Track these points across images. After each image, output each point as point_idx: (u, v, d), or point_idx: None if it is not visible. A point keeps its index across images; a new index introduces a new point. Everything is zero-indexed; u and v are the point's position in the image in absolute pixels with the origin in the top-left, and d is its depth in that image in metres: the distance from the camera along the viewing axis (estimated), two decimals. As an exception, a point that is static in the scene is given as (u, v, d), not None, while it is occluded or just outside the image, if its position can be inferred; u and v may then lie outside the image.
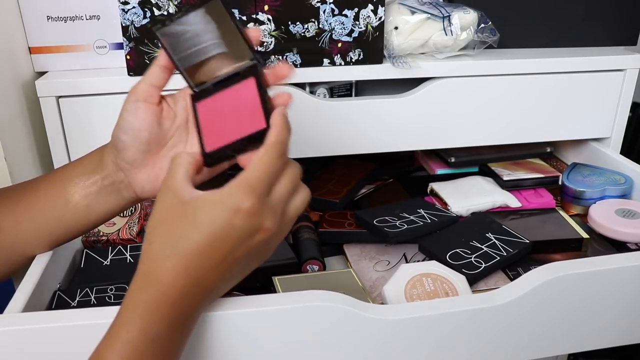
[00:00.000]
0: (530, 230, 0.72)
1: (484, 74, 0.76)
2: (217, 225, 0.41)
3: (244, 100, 0.49)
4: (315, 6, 0.69)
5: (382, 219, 0.72)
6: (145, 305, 0.42)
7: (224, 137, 0.48)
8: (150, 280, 0.42)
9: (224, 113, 0.49)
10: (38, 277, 0.54)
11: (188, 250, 0.42)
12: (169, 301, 0.42)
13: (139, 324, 0.41)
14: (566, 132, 0.83)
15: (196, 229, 0.42)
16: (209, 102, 0.50)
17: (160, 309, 0.42)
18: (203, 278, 0.43)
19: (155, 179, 0.52)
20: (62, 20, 0.70)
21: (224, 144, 0.48)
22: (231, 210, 0.41)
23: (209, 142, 0.48)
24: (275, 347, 0.50)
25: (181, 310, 0.43)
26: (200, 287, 0.43)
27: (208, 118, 0.49)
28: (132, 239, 0.70)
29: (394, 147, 0.77)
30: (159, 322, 0.42)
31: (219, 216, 0.41)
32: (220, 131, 0.48)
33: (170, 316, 0.42)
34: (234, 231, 0.42)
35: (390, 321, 0.51)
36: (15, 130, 0.67)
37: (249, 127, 0.47)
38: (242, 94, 0.49)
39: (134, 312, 0.42)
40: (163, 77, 0.50)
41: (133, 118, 0.50)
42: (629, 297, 0.57)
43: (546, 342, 0.57)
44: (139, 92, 0.50)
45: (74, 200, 0.53)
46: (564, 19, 0.83)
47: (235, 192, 0.42)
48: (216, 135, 0.48)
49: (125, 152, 0.51)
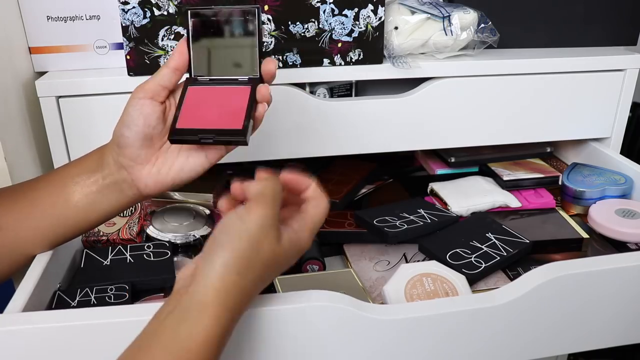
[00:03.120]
0: (530, 230, 0.72)
1: (484, 74, 0.76)
2: (287, 261, 0.47)
3: (233, 101, 0.52)
4: (315, 6, 0.69)
5: (382, 219, 0.72)
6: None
7: (199, 122, 0.51)
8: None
9: (209, 103, 0.52)
10: (38, 277, 0.54)
11: (259, 283, 0.46)
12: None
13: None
14: (566, 132, 0.83)
15: (274, 271, 0.47)
16: (201, 90, 0.53)
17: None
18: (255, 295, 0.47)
19: (158, 173, 0.53)
20: (62, 20, 0.70)
21: (196, 127, 0.50)
22: (300, 252, 0.48)
23: (183, 120, 0.51)
24: (275, 347, 0.51)
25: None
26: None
27: (193, 101, 0.52)
28: (132, 239, 0.70)
29: (394, 147, 0.77)
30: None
31: (292, 258, 0.48)
32: (198, 116, 0.51)
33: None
34: (289, 263, 0.48)
35: (390, 321, 0.51)
36: (15, 130, 0.67)
37: (225, 123, 0.50)
38: (233, 95, 0.52)
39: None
40: (173, 78, 0.52)
41: (138, 114, 0.51)
42: (629, 297, 0.57)
43: (546, 342, 0.57)
44: (147, 90, 0.51)
45: (75, 199, 0.53)
46: (564, 19, 0.83)
47: (305, 238, 0.48)
48: (193, 118, 0.51)
49: (127, 148, 0.51)
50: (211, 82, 0.53)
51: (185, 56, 0.52)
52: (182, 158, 0.53)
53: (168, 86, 0.52)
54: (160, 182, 0.53)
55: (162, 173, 0.53)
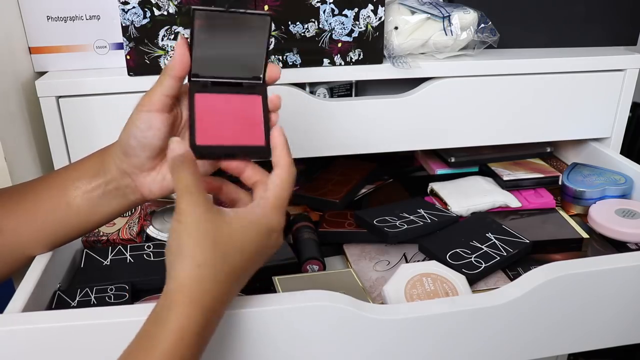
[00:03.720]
0: (530, 230, 0.72)
1: (484, 74, 0.76)
2: (258, 246, 0.46)
3: (248, 112, 0.51)
4: (315, 6, 0.69)
5: (382, 219, 0.72)
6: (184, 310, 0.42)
7: (218, 137, 0.49)
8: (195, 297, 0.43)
9: (223, 115, 0.50)
10: (38, 277, 0.54)
11: (232, 273, 0.45)
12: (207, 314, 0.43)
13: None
14: (566, 132, 0.83)
15: (246, 256, 0.45)
16: (209, 97, 0.51)
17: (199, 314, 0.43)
18: (235, 286, 0.46)
19: (163, 179, 0.52)
20: (62, 20, 0.70)
21: (218, 144, 0.49)
22: (269, 231, 0.46)
23: (201, 135, 0.49)
24: (275, 346, 0.51)
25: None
26: (232, 294, 0.46)
27: (204, 112, 0.50)
28: (132, 239, 0.70)
29: (394, 147, 0.77)
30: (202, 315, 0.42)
31: (260, 237, 0.46)
32: (215, 130, 0.50)
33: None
34: (268, 249, 0.47)
35: (390, 321, 0.51)
36: (15, 130, 0.67)
37: (247, 139, 0.50)
38: (247, 106, 0.51)
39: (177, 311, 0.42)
40: (176, 86, 0.50)
41: (146, 127, 0.49)
42: (629, 297, 0.58)
43: (546, 342, 0.57)
44: (154, 103, 0.49)
45: (76, 204, 0.53)
46: (564, 19, 0.83)
47: (271, 215, 0.47)
48: (210, 132, 0.50)
49: (134, 158, 0.51)
50: (215, 86, 0.51)
51: (186, 59, 0.50)
52: None
53: (174, 94, 0.50)
54: (165, 187, 0.53)
55: (167, 179, 0.52)
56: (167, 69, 0.50)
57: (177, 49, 0.49)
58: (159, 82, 0.50)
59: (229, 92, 0.51)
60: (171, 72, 0.49)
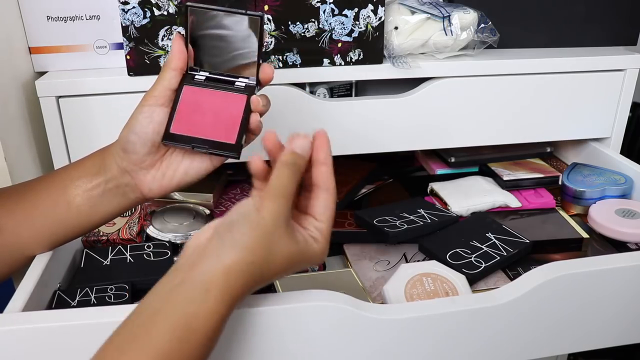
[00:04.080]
0: (530, 230, 0.72)
1: (484, 74, 0.76)
2: (294, 268, 0.47)
3: (230, 110, 0.52)
4: (315, 6, 0.69)
5: (382, 219, 0.72)
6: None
7: (193, 129, 0.51)
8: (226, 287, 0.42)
9: (204, 108, 0.52)
10: (38, 277, 0.54)
11: (259, 283, 0.45)
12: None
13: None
14: (566, 132, 0.83)
15: (282, 272, 0.46)
16: (197, 91, 0.53)
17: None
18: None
19: (162, 178, 0.53)
20: (62, 20, 0.70)
21: (189, 135, 0.51)
22: (313, 262, 0.48)
23: (177, 124, 0.51)
24: (275, 346, 0.50)
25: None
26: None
27: (188, 103, 0.52)
28: (132, 238, 0.70)
29: (394, 147, 0.77)
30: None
31: (302, 263, 0.47)
32: (193, 121, 0.52)
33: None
34: (296, 268, 0.48)
35: (390, 321, 0.51)
36: (15, 130, 0.67)
37: (219, 135, 0.51)
38: (229, 104, 0.52)
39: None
40: (177, 79, 0.52)
41: (147, 121, 0.50)
42: (629, 297, 0.58)
43: (546, 342, 0.57)
44: (157, 97, 0.51)
45: (76, 203, 0.53)
46: (564, 19, 0.83)
47: (324, 251, 0.48)
48: (187, 123, 0.51)
49: (133, 154, 0.51)
50: (208, 82, 0.53)
51: (184, 52, 0.52)
52: (187, 161, 0.53)
53: (174, 88, 0.52)
54: (164, 186, 0.53)
55: (166, 177, 0.53)
56: (167, 62, 0.51)
57: (173, 44, 0.51)
58: (160, 76, 0.52)
59: (217, 88, 0.53)
60: (170, 64, 0.51)
